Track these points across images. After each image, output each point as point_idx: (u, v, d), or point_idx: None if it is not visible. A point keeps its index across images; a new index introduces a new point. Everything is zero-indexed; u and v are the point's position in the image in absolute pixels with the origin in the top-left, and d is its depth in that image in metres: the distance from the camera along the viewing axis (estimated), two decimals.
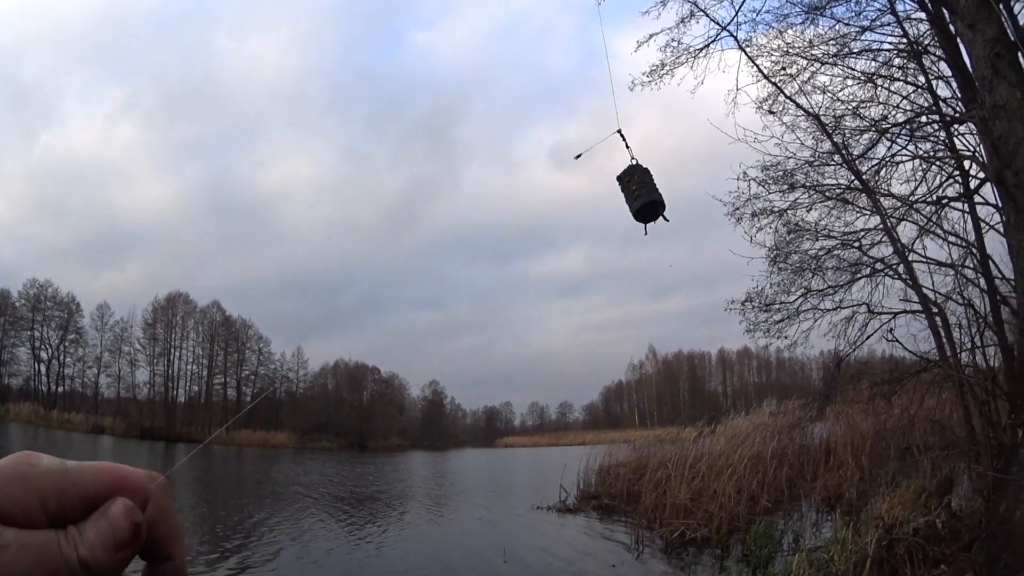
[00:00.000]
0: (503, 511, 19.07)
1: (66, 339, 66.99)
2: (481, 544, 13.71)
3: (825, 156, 12.04)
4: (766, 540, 10.56)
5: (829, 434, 16.34)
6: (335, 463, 42.23)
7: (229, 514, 16.58)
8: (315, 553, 12.15)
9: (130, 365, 69.88)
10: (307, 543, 13.05)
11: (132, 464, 0.52)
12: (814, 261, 12.37)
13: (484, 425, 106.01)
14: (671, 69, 12.25)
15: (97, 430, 56.64)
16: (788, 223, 12.52)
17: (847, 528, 8.19)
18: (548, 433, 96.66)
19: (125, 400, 68.28)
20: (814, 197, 12.33)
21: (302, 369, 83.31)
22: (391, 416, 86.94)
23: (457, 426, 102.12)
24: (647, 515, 14.60)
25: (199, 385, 73.66)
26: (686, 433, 18.31)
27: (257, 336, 77.90)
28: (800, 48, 11.93)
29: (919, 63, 10.90)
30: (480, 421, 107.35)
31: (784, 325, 12.49)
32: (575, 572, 10.97)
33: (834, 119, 11.81)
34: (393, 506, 20.58)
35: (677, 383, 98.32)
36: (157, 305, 71.23)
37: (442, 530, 15.94)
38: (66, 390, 67.15)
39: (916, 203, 11.12)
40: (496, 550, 12.51)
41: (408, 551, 12.77)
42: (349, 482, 28.70)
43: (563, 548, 12.84)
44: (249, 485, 26.24)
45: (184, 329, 72.88)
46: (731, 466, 13.87)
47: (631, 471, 18.40)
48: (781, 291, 12.60)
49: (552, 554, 12.31)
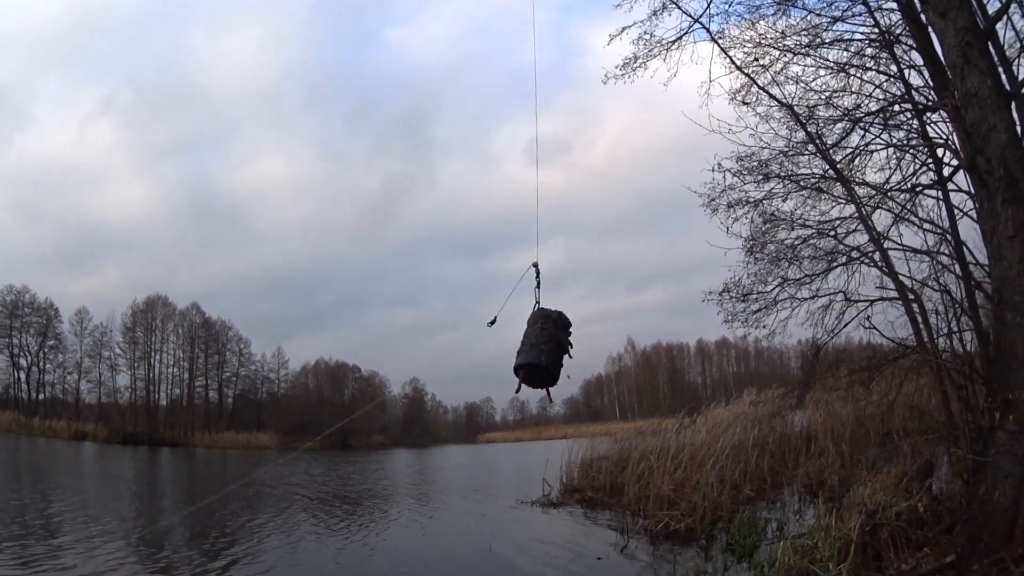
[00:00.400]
0: (487, 507, 19.05)
1: (45, 345, 66.17)
2: (466, 540, 13.72)
3: (799, 146, 12.09)
4: (750, 529, 10.60)
5: (809, 422, 16.47)
6: (319, 463, 41.87)
7: (214, 517, 16.35)
8: (301, 553, 12.11)
9: (111, 370, 69.13)
10: (292, 543, 12.99)
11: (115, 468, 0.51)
12: (790, 251, 12.44)
13: (466, 421, 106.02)
14: (644, 62, 12.21)
15: (79, 436, 56.03)
16: (764, 213, 12.59)
17: (830, 514, 8.26)
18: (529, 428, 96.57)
19: (107, 405, 67.58)
20: (789, 187, 12.41)
21: (283, 369, 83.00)
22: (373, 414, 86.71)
23: (439, 423, 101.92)
24: (631, 507, 14.66)
25: (180, 388, 72.88)
26: (667, 424, 18.37)
27: (237, 337, 77.39)
28: (772, 39, 11.93)
29: (891, 53, 10.98)
30: (462, 417, 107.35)
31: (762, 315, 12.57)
32: (560, 566, 10.95)
33: (807, 109, 11.86)
34: (378, 504, 20.51)
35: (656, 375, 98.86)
36: (136, 308, 70.53)
37: (427, 527, 15.86)
38: (47, 397, 66.28)
39: (891, 191, 11.23)
40: (481, 546, 12.54)
41: (393, 549, 12.72)
42: (333, 481, 28.57)
43: (548, 542, 12.85)
44: (233, 488, 26.05)
45: (164, 332, 72.06)
46: (713, 456, 13.92)
47: (613, 464, 18.45)
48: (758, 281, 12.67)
49: (537, 548, 12.34)
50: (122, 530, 13.93)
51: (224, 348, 76.33)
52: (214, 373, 75.53)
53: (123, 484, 26.40)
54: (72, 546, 11.61)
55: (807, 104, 11.89)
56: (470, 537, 14.01)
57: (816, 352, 12.38)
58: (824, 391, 14.75)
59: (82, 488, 23.20)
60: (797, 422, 17.12)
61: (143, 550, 11.87)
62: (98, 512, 16.37)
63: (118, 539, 12.70)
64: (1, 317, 64.29)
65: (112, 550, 11.47)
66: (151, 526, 15.19)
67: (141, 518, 16.37)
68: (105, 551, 11.33)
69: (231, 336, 77.00)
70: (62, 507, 16.65)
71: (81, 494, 20.77)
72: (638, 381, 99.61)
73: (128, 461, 39.79)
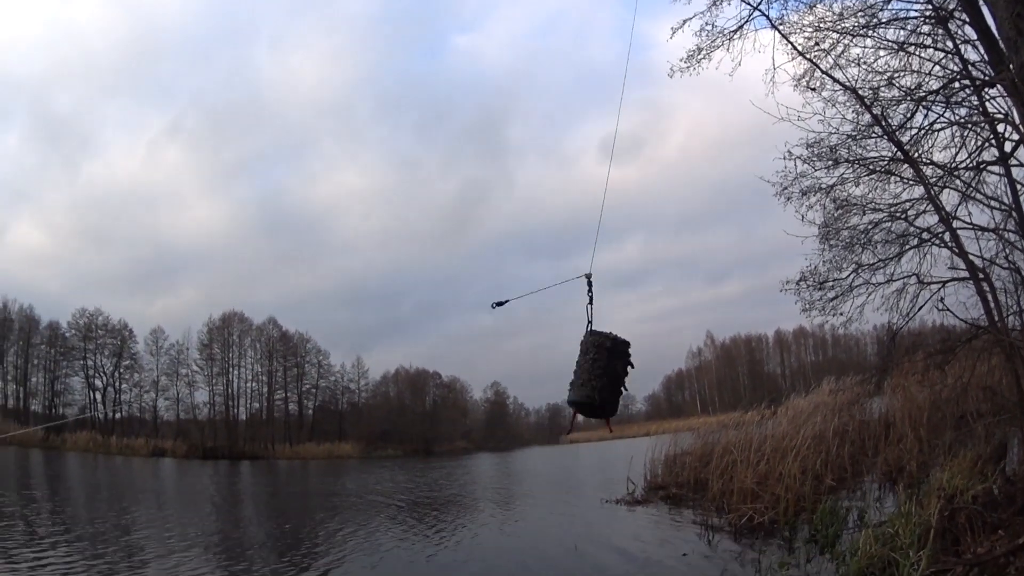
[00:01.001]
0: (572, 507, 19.23)
1: (120, 365, 67.29)
2: (553, 540, 13.87)
3: (866, 129, 11.99)
4: (832, 519, 10.61)
5: (888, 408, 16.19)
6: (402, 470, 42.59)
7: (302, 528, 16.98)
8: (391, 559, 12.42)
9: (188, 387, 70.08)
10: (382, 549, 13.32)
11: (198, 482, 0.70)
12: (863, 235, 12.39)
13: (548, 423, 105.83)
14: (708, 53, 12.30)
15: (158, 453, 57.12)
16: (836, 199, 12.59)
17: (910, 501, 8.22)
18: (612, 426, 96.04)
19: (185, 421, 68.58)
20: (859, 171, 12.34)
21: (363, 379, 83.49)
22: (455, 420, 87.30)
23: (521, 425, 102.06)
24: (715, 502, 14.74)
25: (260, 402, 73.76)
26: (749, 417, 18.31)
27: (316, 349, 77.92)
28: (831, 22, 11.89)
29: (945, 29, 10.87)
30: (544, 419, 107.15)
31: (838, 302, 12.54)
32: (646, 563, 11.08)
33: (871, 91, 11.74)
34: (464, 508, 20.93)
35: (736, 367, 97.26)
36: (212, 325, 71.60)
37: (513, 529, 16.16)
38: (123, 416, 67.55)
39: (956, 170, 11.12)
40: (567, 546, 12.76)
41: (482, 551, 13.04)
42: (419, 488, 29.04)
43: (634, 540, 12.98)
44: (319, 498, 26.70)
45: (241, 347, 72.97)
46: (795, 447, 13.85)
47: (697, 459, 18.45)
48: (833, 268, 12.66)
49: (623, 546, 12.46)
50: (207, 541, 14.50)
51: (303, 360, 76.83)
52: (293, 385, 76.16)
53: (207, 497, 27.10)
54: (159, 559, 12.04)
55: (870, 86, 11.77)
56: (557, 537, 14.15)
57: (892, 337, 12.31)
58: (901, 376, 14.53)
59: (166, 502, 23.94)
60: (876, 409, 16.83)
61: (231, 560, 12.32)
62: (183, 524, 16.98)
63: (203, 549, 13.24)
64: (75, 340, 65.91)
65: (198, 562, 11.93)
66: (238, 536, 15.84)
67: (228, 529, 17.02)
68: (192, 563, 11.75)
69: (309, 348, 77.57)
70: (147, 521, 17.30)
71: (166, 508, 21.49)
72: (718, 374, 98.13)
73: (210, 475, 40.58)
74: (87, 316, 66.45)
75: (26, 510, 18.24)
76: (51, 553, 12.05)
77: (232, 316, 72.72)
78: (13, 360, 63.35)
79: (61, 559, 11.56)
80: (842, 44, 11.85)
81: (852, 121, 12.00)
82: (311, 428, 74.35)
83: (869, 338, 70.39)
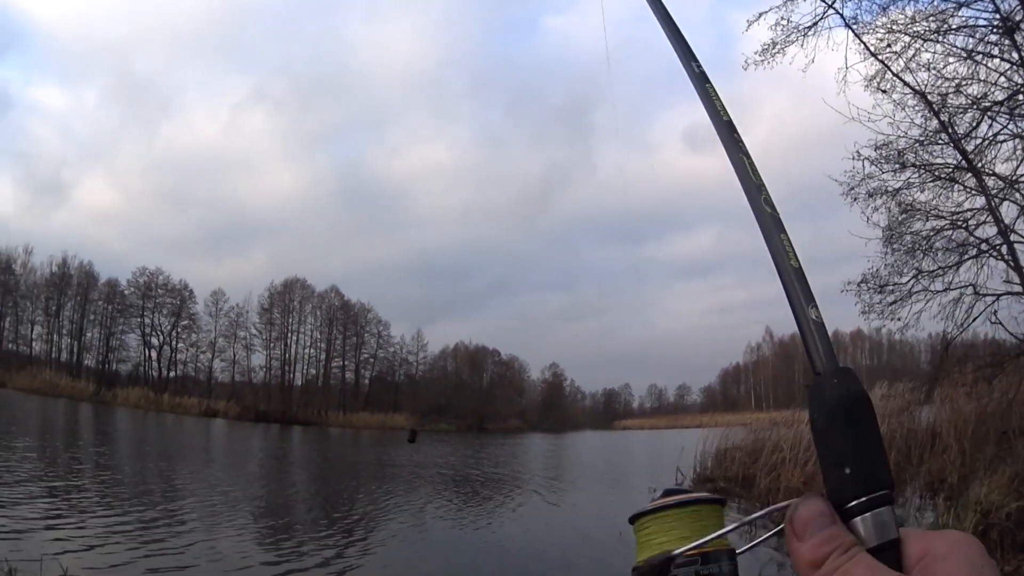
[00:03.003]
0: (620, 493, 19.55)
1: (178, 325, 68.30)
2: (598, 524, 14.09)
3: (933, 134, 12.04)
4: None
5: (935, 417, 16.14)
6: (454, 445, 42.99)
7: (349, 495, 17.46)
8: (433, 533, 12.81)
9: (245, 350, 70.84)
10: (424, 523, 13.68)
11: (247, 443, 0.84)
12: (925, 242, 12.42)
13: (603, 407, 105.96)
14: (782, 48, 12.57)
15: (210, 413, 57.49)
16: (901, 203, 12.63)
17: (948, 513, 8.41)
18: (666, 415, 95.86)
19: (240, 384, 69.16)
20: (924, 176, 12.38)
21: (422, 352, 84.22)
22: (510, 398, 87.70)
23: (576, 408, 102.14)
24: (761, 499, 14.83)
25: (316, 368, 74.42)
26: (800, 416, 18.35)
27: (376, 320, 78.73)
28: (903, 24, 11.96)
29: (1012, 40, 10.85)
30: (599, 403, 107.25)
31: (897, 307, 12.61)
32: None
33: (940, 97, 11.79)
34: (511, 488, 21.22)
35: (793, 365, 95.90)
36: (274, 291, 72.26)
37: (559, 512, 16.47)
38: (178, 375, 68.36)
39: (1017, 182, 11.11)
40: (612, 532, 13.09)
41: (525, 532, 13.34)
42: (470, 463, 29.51)
43: None
44: (369, 467, 27.21)
45: (301, 314, 73.65)
46: None
47: (746, 454, 18.52)
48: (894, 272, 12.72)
49: None
50: (253, 502, 15.01)
51: (362, 330, 77.56)
52: (351, 354, 76.77)
53: (256, 459, 27.91)
54: (204, 517, 12.35)
55: (939, 91, 11.81)
56: (601, 523, 14.30)
57: (945, 346, 12.35)
58: (951, 386, 14.47)
59: (215, 462, 24.71)
60: (924, 417, 16.79)
61: (274, 522, 12.80)
62: (230, 484, 17.50)
63: (249, 511, 13.72)
64: (134, 298, 67.02)
65: (242, 522, 12.41)
66: (284, 499, 16.43)
67: (274, 491, 17.52)
68: (236, 523, 12.18)
69: (370, 319, 78.29)
70: (194, 479, 17.93)
71: (214, 467, 22.13)
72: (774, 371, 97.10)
73: (261, 437, 41.25)
74: (147, 275, 67.62)
75: (74, 461, 18.81)
76: (96, 506, 12.47)
77: (294, 282, 73.42)
78: (69, 315, 64.85)
79: (105, 512, 11.97)
80: (913, 48, 11.90)
81: (920, 126, 12.08)
82: (366, 397, 74.95)
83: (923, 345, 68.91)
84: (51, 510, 11.40)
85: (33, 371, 55.38)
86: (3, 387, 49.49)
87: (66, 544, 9.05)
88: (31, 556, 7.97)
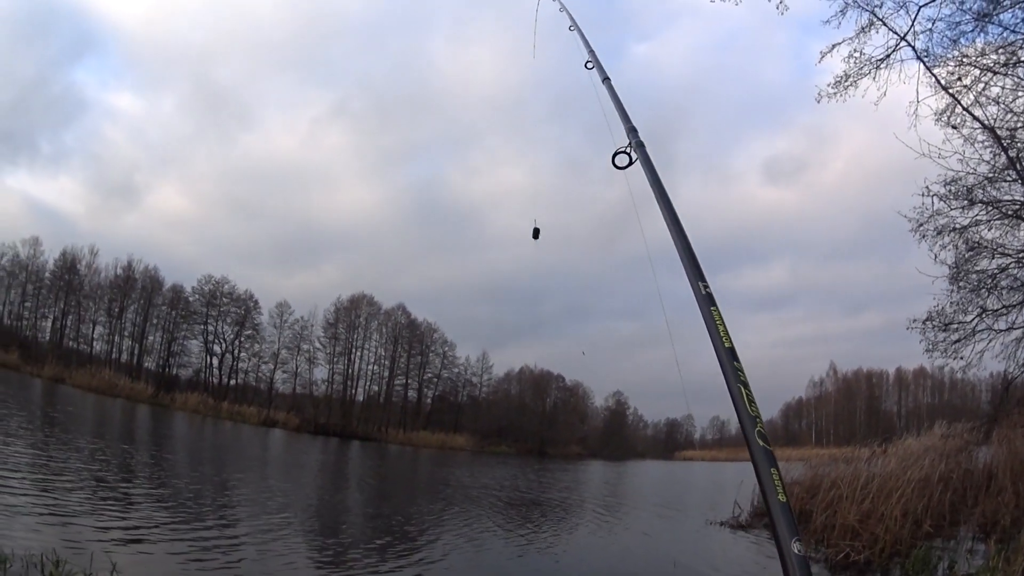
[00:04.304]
0: (677, 524, 19.65)
1: (242, 334, 68.32)
2: (653, 556, 14.35)
3: (1001, 171, 12.04)
4: (923, 565, 10.73)
5: (992, 458, 15.95)
6: (515, 468, 42.97)
7: (405, 512, 17.61)
8: (485, 553, 12.98)
9: (308, 363, 70.67)
10: (477, 545, 13.79)
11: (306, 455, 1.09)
12: (990, 280, 12.43)
13: (664, 437, 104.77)
14: (855, 80, 12.57)
15: (269, 423, 57.65)
16: (968, 240, 12.65)
17: (998, 556, 8.48)
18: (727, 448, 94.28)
19: (301, 396, 69.03)
20: (992, 213, 12.39)
21: (486, 374, 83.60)
22: (572, 424, 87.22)
23: (637, 437, 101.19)
24: (816, 535, 14.82)
25: (379, 385, 74.34)
26: (860, 453, 18.24)
27: (442, 340, 78.44)
28: (973, 57, 12.00)
29: None
30: (661, 433, 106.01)
31: (960, 345, 12.67)
32: None
33: (1008, 132, 11.82)
34: (568, 513, 21.41)
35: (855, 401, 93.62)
36: (340, 306, 72.51)
37: (615, 540, 16.53)
38: (238, 383, 68.14)
39: None
40: (666, 563, 13.26)
41: (579, 559, 13.48)
42: (528, 487, 29.60)
43: (732, 565, 13.33)
44: (428, 485, 27.64)
45: (367, 330, 73.69)
46: (899, 488, 13.82)
47: (804, 490, 18.40)
48: (959, 310, 12.77)
49: (720, 570, 12.82)
50: (307, 512, 15.41)
51: (427, 349, 77.28)
52: (415, 373, 76.45)
53: (314, 470, 28.25)
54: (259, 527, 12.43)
55: (1007, 127, 11.83)
56: (657, 553, 14.63)
57: (1006, 387, 12.34)
58: (1009, 427, 14.33)
59: (272, 470, 25.11)
60: (981, 458, 16.58)
61: (327, 534, 13.11)
62: (285, 493, 17.84)
63: (302, 521, 14.06)
64: (198, 305, 67.48)
65: (295, 531, 12.74)
66: (338, 511, 16.81)
67: (329, 503, 17.95)
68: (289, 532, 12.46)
69: (436, 338, 78.06)
70: (250, 487, 18.34)
71: (271, 476, 22.55)
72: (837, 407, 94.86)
73: (319, 449, 41.58)
74: (213, 283, 68.03)
75: (130, 460, 19.35)
76: (150, 505, 12.79)
77: (361, 298, 73.56)
78: (132, 317, 65.56)
79: (160, 512, 12.26)
80: (983, 81, 11.91)
81: (988, 162, 12.10)
82: (427, 416, 74.89)
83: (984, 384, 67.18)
84: (104, 505, 11.73)
85: (93, 370, 56.08)
86: (62, 383, 50.56)
87: (115, 539, 9.42)
88: (80, 548, 8.31)
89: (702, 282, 1.16)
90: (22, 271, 64.68)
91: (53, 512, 10.38)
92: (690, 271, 1.19)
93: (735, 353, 1.35)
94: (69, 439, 20.74)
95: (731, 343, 1.27)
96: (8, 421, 21.41)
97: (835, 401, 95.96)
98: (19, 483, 12.13)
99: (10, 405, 27.67)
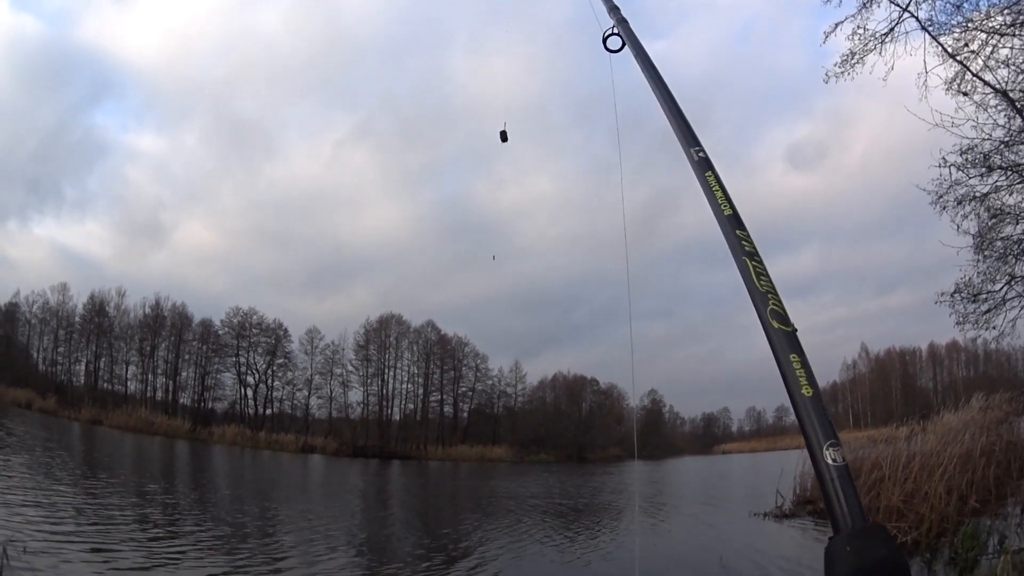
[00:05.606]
0: (720, 517, 19.56)
1: (274, 363, 68.50)
2: (698, 551, 14.38)
3: (1017, 133, 11.87)
4: (973, 542, 10.56)
5: None
6: (555, 475, 42.92)
7: (450, 527, 17.78)
8: (528, 559, 13.18)
9: (342, 386, 70.83)
10: (522, 549, 14.05)
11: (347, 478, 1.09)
12: (1016, 246, 12.28)
13: (702, 432, 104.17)
14: (861, 57, 12.54)
15: (308, 449, 58.02)
16: (990, 208, 12.50)
17: None
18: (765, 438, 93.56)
19: (337, 420, 69.18)
20: (1012, 178, 12.23)
21: (520, 384, 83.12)
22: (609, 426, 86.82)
23: (675, 434, 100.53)
24: None
25: (415, 403, 74.42)
26: (899, 432, 18.07)
27: (474, 353, 78.39)
28: (978, 21, 11.89)
29: None
30: (698, 428, 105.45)
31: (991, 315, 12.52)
32: None
33: (1022, 94, 11.65)
34: (611, 515, 21.48)
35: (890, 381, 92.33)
36: (369, 327, 72.70)
37: (659, 537, 16.51)
38: (274, 412, 68.37)
39: None
40: (712, 557, 13.14)
41: (625, 559, 13.40)
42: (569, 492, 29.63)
43: (778, 555, 13.26)
44: (471, 499, 27.75)
45: (398, 349, 73.73)
46: (942, 465, 13.73)
47: None
48: (987, 280, 12.61)
49: (767, 561, 12.75)
50: (353, 535, 15.60)
51: (460, 364, 77.26)
52: (449, 388, 76.43)
53: (356, 493, 28.47)
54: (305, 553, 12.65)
55: (1020, 88, 11.65)
56: (702, 548, 14.60)
57: None
58: None
59: (315, 496, 25.21)
60: None
61: (374, 555, 13.18)
62: (330, 518, 18.13)
63: (348, 543, 14.25)
64: (228, 337, 68.01)
65: (342, 554, 12.90)
66: (384, 532, 16.88)
67: (374, 525, 18.13)
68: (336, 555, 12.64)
69: (468, 352, 78.06)
70: (294, 513, 18.62)
71: (315, 502, 22.73)
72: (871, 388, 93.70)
73: (360, 472, 41.74)
74: (241, 315, 68.49)
75: (172, 495, 19.65)
76: (197, 538, 13.09)
77: (390, 318, 73.77)
78: (164, 355, 66.08)
79: (207, 543, 12.57)
80: (990, 44, 11.78)
81: (1004, 126, 11.94)
82: (465, 430, 74.85)
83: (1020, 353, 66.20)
84: (151, 539, 12.14)
85: (129, 409, 56.72)
86: (99, 425, 51.08)
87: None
88: None
89: (695, 147, 1.15)
90: (53, 317, 65.49)
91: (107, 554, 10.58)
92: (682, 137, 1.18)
93: (739, 220, 1.26)
94: (110, 480, 21.08)
95: (732, 210, 1.20)
96: (58, 469, 21.61)
97: (869, 382, 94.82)
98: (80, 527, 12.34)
99: (55, 450, 27.97)
